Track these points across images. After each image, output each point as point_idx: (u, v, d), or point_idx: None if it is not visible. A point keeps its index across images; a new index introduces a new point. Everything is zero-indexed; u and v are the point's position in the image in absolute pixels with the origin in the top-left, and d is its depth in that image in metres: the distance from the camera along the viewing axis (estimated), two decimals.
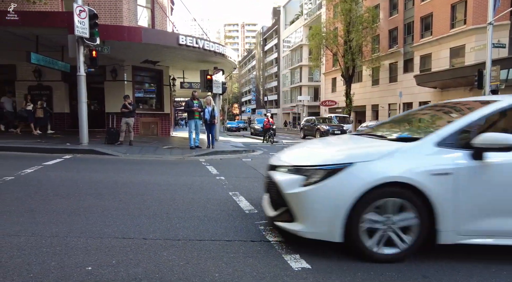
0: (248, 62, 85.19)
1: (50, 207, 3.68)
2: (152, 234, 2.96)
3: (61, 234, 2.87)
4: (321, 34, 28.08)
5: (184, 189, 4.88)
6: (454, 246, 2.57)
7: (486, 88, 13.81)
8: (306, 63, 45.52)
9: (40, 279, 2.10)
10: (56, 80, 14.02)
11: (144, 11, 14.77)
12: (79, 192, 4.40)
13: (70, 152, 8.27)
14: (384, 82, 28.51)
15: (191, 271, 2.29)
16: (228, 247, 2.73)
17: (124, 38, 11.10)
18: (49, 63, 11.12)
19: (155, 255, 2.53)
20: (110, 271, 2.23)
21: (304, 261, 2.51)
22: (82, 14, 8.76)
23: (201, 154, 9.26)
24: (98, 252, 2.54)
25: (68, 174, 5.82)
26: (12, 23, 9.95)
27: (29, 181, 5.00)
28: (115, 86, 13.99)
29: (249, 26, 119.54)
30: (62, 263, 2.32)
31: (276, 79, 61.06)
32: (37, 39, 10.98)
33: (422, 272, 2.41)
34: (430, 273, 2.39)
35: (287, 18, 56.69)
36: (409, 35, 25.79)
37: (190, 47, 12.13)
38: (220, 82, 13.92)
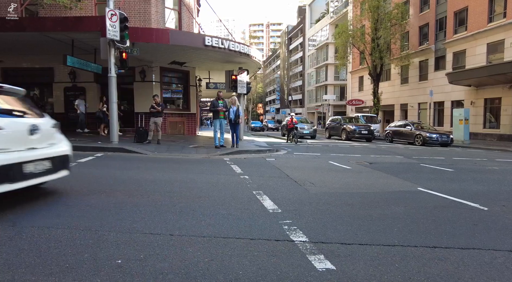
0: (272, 62, 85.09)
1: (84, 202, 3.87)
2: (178, 231, 3.03)
3: (93, 228, 3.02)
4: (347, 32, 27.50)
5: (209, 187, 4.96)
6: None
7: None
8: (332, 61, 44.78)
9: (75, 269, 2.22)
10: (89, 81, 14.71)
11: (171, 13, 15.15)
12: (110, 189, 4.60)
13: (101, 150, 8.65)
14: (414, 80, 27.47)
15: (215, 267, 2.33)
16: (251, 246, 2.75)
17: (153, 40, 11.45)
18: (83, 65, 11.69)
19: (181, 251, 2.59)
20: (138, 265, 2.31)
21: (329, 262, 2.48)
22: (113, 17, 9.13)
23: (225, 153, 9.38)
24: (127, 246, 2.64)
25: (100, 171, 6.09)
26: (42, 28, 10.56)
27: (64, 177, 5.27)
28: (144, 86, 14.47)
29: (274, 26, 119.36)
30: (95, 256, 2.44)
31: (301, 78, 60.54)
32: (73, 43, 11.58)
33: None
34: None
35: (312, 17, 56.03)
36: (441, 31, 24.67)
37: (216, 48, 12.31)
38: (244, 82, 14.02)
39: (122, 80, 13.27)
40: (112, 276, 2.15)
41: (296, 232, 3.08)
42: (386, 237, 3.06)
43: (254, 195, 4.53)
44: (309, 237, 2.96)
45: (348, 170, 7.34)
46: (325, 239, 2.95)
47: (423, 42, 26.51)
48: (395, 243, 2.92)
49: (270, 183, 5.45)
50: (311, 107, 53.90)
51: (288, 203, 4.14)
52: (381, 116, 29.00)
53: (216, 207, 3.87)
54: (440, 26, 24.89)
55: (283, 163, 8.05)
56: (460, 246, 2.87)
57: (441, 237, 3.10)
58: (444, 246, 2.88)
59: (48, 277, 2.11)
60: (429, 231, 3.27)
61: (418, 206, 4.28)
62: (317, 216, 3.65)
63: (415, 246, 2.86)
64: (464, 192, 5.23)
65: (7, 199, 3.79)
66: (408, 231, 3.23)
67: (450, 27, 23.34)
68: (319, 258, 2.54)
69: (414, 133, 17.55)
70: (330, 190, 5.06)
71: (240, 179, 5.66)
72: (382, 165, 8.25)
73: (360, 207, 4.10)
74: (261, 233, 3.05)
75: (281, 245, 2.79)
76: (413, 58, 26.56)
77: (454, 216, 3.85)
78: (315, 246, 2.78)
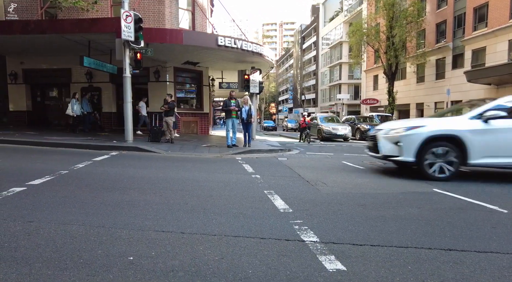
0: (285, 61, 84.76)
1: (98, 199, 3.96)
2: (189, 229, 3.06)
3: (107, 225, 3.08)
4: (362, 30, 27.10)
5: (220, 186, 4.99)
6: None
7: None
8: (346, 60, 44.24)
9: (88, 265, 2.27)
10: (105, 81, 15.03)
11: (185, 13, 15.30)
12: (123, 187, 4.68)
13: (116, 149, 8.83)
14: (430, 79, 26.83)
15: (225, 266, 2.34)
16: (262, 245, 2.74)
17: (166, 40, 11.60)
18: (99, 66, 11.95)
19: (192, 249, 2.62)
20: (150, 262, 2.35)
21: (339, 262, 2.45)
22: (128, 19, 9.29)
23: (237, 153, 9.40)
24: (139, 243, 2.68)
25: (114, 169, 6.22)
26: (60, 30, 10.84)
27: (80, 175, 5.42)
28: (158, 86, 14.67)
29: (287, 25, 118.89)
30: (108, 252, 2.49)
31: (314, 77, 60.07)
32: (89, 44, 11.85)
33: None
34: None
35: (326, 15, 55.51)
36: (460, 28, 24.00)
37: (229, 47, 12.36)
38: (257, 81, 14.02)
39: (137, 80, 13.49)
40: (124, 272, 2.19)
41: (307, 232, 3.06)
42: (399, 238, 3.01)
43: (265, 194, 4.52)
44: (320, 238, 2.94)
45: (362, 170, 7.24)
46: (336, 240, 2.92)
47: (440, 40, 25.85)
48: (408, 245, 2.86)
49: (281, 182, 5.44)
50: (325, 106, 53.42)
51: (299, 203, 4.12)
52: (396, 116, 28.44)
53: (227, 206, 3.89)
54: (458, 23, 24.21)
55: (295, 163, 8.01)
56: (477, 250, 2.79)
57: (456, 240, 3.01)
58: (460, 249, 2.80)
59: (63, 271, 2.16)
60: (444, 233, 3.19)
61: (432, 208, 4.17)
62: (328, 217, 3.61)
63: (429, 248, 2.79)
64: (482, 193, 5.07)
65: (28, 197, 3.91)
66: (422, 233, 3.16)
67: (469, 23, 22.67)
68: (330, 258, 2.52)
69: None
70: (342, 191, 5.00)
71: (252, 178, 5.67)
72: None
73: (372, 208, 4.03)
74: (272, 232, 3.05)
75: (292, 245, 2.78)
76: (430, 56, 25.94)
77: (471, 218, 3.74)
78: (326, 246, 2.75)
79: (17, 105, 15.83)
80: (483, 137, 5.70)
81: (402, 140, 6.04)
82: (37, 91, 16.42)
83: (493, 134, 5.71)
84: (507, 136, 5.71)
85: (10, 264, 2.23)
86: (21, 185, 4.38)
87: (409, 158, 5.98)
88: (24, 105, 15.82)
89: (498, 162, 5.82)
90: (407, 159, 6.01)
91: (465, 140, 5.70)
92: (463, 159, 5.80)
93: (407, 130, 6.07)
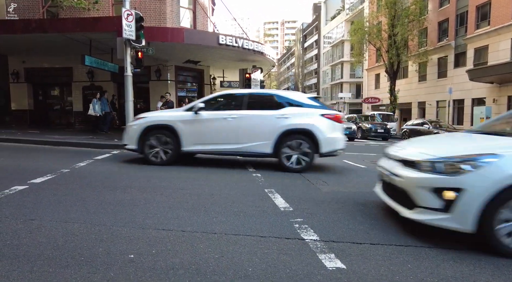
0: (287, 60, 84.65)
1: (99, 198, 3.97)
2: (190, 227, 3.07)
3: (108, 223, 3.10)
4: (363, 29, 27.01)
5: (221, 184, 5.00)
6: None
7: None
8: (347, 59, 44.13)
9: (89, 262, 2.29)
10: (106, 80, 15.05)
11: (186, 12, 15.30)
12: (124, 185, 4.70)
13: (117, 147, 8.84)
14: (432, 78, 26.73)
15: (225, 264, 2.35)
16: (262, 243, 2.75)
17: (168, 39, 11.60)
18: (100, 65, 11.97)
19: (192, 247, 2.63)
20: (150, 260, 2.36)
21: (339, 261, 2.46)
22: (129, 17, 9.29)
23: None
24: (140, 241, 2.70)
25: (115, 168, 6.24)
26: (62, 29, 10.86)
27: (81, 173, 5.44)
28: (159, 85, 14.68)
29: (288, 23, 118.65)
30: (108, 250, 2.50)
31: (316, 76, 59.97)
32: (90, 43, 11.87)
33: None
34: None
35: (328, 14, 55.36)
36: (462, 27, 23.88)
37: (230, 46, 12.36)
38: (258, 80, 14.03)
39: (138, 79, 13.49)
40: (124, 270, 2.20)
41: (307, 231, 3.07)
42: (399, 237, 3.01)
43: (265, 193, 4.53)
44: (320, 236, 2.94)
45: (363, 169, 7.24)
46: (336, 238, 2.92)
47: (442, 38, 25.74)
48: (408, 243, 2.86)
49: (282, 181, 5.44)
50: (326, 105, 53.32)
51: (300, 202, 4.12)
52: (398, 115, 28.38)
53: (227, 204, 3.90)
54: (460, 21, 24.09)
55: None
56: (477, 249, 2.79)
57: (457, 239, 3.01)
58: (460, 247, 2.80)
59: (65, 269, 2.18)
60: (445, 232, 3.18)
61: None
62: (329, 215, 3.62)
63: (429, 247, 2.79)
64: None
65: (30, 196, 3.94)
66: (422, 232, 3.16)
67: (471, 22, 22.56)
68: (330, 256, 2.53)
69: (432, 131, 17.11)
70: (343, 189, 5.00)
71: (252, 177, 5.67)
72: None
73: (373, 207, 4.03)
74: (272, 231, 3.05)
75: (292, 243, 2.79)
76: (432, 55, 25.84)
77: None
78: (326, 244, 2.76)
79: (19, 104, 15.88)
80: (192, 127, 6.34)
81: (129, 130, 6.68)
82: (39, 90, 16.47)
83: (201, 124, 6.35)
84: (211, 126, 6.34)
85: (12, 262, 2.25)
86: (23, 183, 4.40)
87: (133, 146, 6.50)
88: (26, 104, 15.87)
89: (205, 148, 6.50)
90: (131, 147, 6.52)
91: (177, 129, 6.28)
92: (178, 146, 6.34)
93: (134, 121, 6.78)
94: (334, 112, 6.54)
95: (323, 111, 6.40)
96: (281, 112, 6.30)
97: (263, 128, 6.26)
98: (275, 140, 6.17)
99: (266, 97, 6.91)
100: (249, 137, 6.28)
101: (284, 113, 6.28)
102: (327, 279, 2.18)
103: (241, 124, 6.30)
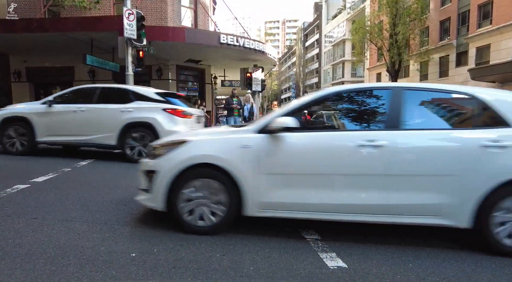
0: (288, 59, 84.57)
1: (100, 196, 3.98)
2: None
3: (110, 222, 3.10)
4: (365, 28, 26.94)
5: None
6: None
7: None
8: (348, 58, 44.08)
9: (91, 261, 2.29)
10: (107, 79, 15.02)
11: (187, 11, 15.29)
12: (125, 184, 4.71)
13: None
14: (434, 77, 26.67)
15: (227, 263, 2.35)
16: (263, 243, 2.76)
17: (169, 38, 11.60)
18: (101, 64, 11.97)
19: (193, 246, 2.63)
20: (152, 259, 2.37)
21: (341, 260, 2.46)
22: (130, 17, 9.30)
23: None
24: (141, 240, 2.70)
25: (116, 167, 6.25)
26: (60, 28, 10.88)
27: (83, 172, 5.45)
28: (160, 84, 14.64)
29: (290, 23, 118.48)
30: (110, 249, 2.51)
31: (317, 75, 59.90)
32: (92, 42, 11.88)
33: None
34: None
35: (329, 13, 55.26)
36: (464, 26, 23.81)
37: (231, 45, 12.35)
38: (259, 79, 14.01)
39: (140, 78, 13.49)
40: (126, 268, 2.21)
41: (308, 230, 3.07)
42: (400, 237, 3.01)
43: None
44: (322, 236, 2.94)
45: None
46: (337, 238, 2.92)
47: (444, 37, 25.68)
48: (409, 243, 2.86)
49: None
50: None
51: None
52: None
53: None
54: (462, 20, 24.02)
55: None
56: (479, 249, 2.79)
57: (460, 238, 3.01)
58: (460, 248, 2.80)
59: (67, 267, 2.19)
60: (448, 231, 3.18)
61: None
62: None
63: (430, 247, 2.79)
64: None
65: (32, 195, 3.95)
66: (423, 232, 3.15)
67: (473, 21, 22.49)
68: (331, 256, 2.53)
69: None
70: None
71: None
72: None
73: None
74: (273, 230, 3.05)
75: (293, 242, 2.79)
76: (433, 54, 25.77)
77: None
78: (327, 244, 2.76)
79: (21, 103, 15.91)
80: (46, 119, 6.59)
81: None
82: (40, 89, 16.48)
83: (53, 116, 6.60)
84: (62, 118, 6.59)
85: (15, 260, 2.26)
86: (25, 182, 4.41)
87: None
88: None
89: (58, 140, 6.69)
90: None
91: (32, 121, 6.57)
92: (33, 137, 6.61)
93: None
94: (175, 107, 6.70)
95: (165, 105, 6.57)
96: (127, 106, 6.52)
97: (108, 121, 6.49)
98: (119, 132, 6.42)
99: (116, 91, 7.09)
100: (96, 129, 6.51)
101: (130, 107, 6.50)
102: (329, 278, 2.19)
103: (88, 117, 6.54)
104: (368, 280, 2.18)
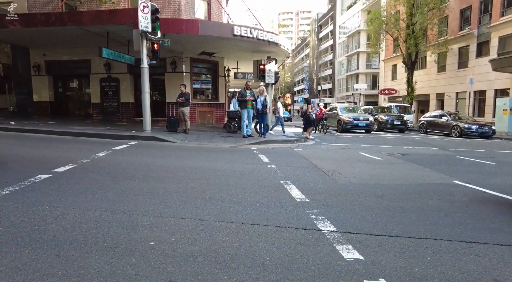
0: (301, 51, 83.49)
1: (119, 187, 4.08)
2: (207, 216, 3.12)
3: (128, 211, 3.18)
4: (380, 18, 26.25)
5: (237, 175, 5.04)
6: None
7: None
8: (363, 49, 43.15)
9: (112, 249, 2.36)
10: (123, 72, 15.25)
11: (201, 3, 15.24)
12: (143, 175, 4.80)
13: (135, 138, 9.02)
14: (452, 68, 25.85)
15: (243, 252, 2.38)
16: (279, 233, 2.77)
17: (183, 31, 11.61)
18: (117, 57, 12.12)
19: (210, 235, 2.67)
20: (170, 248, 2.42)
21: (357, 252, 2.45)
22: (145, 9, 9.35)
23: (253, 143, 9.43)
24: (160, 229, 2.76)
25: (134, 158, 6.37)
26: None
27: (101, 163, 5.59)
28: (174, 77, 14.78)
29: (303, 14, 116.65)
30: (129, 237, 2.58)
31: (331, 67, 59.00)
32: (107, 35, 12.02)
33: None
34: None
35: (343, 3, 54.05)
36: (486, 14, 22.88)
37: (245, 37, 12.26)
38: (272, 71, 13.90)
39: (154, 71, 13.63)
40: (145, 257, 2.27)
41: (323, 222, 3.07)
42: (418, 229, 2.97)
43: (281, 184, 4.54)
44: (337, 227, 2.94)
45: (379, 161, 7.14)
46: (354, 230, 2.91)
47: (464, 27, 24.76)
48: (427, 236, 2.82)
49: (297, 172, 5.43)
50: (341, 96, 52.51)
51: (315, 193, 4.12)
52: (415, 106, 27.69)
53: (244, 194, 3.93)
54: (484, 9, 23.07)
55: (311, 153, 7.97)
56: (500, 242, 2.73)
57: (478, 232, 2.95)
58: (482, 241, 2.75)
59: (89, 254, 2.26)
60: (465, 225, 3.13)
61: (453, 200, 4.09)
62: (345, 207, 3.60)
63: (449, 240, 2.75)
64: (507, 186, 4.91)
65: (54, 184, 4.08)
66: (442, 225, 3.11)
67: (496, 9, 21.58)
68: (347, 248, 2.52)
69: (450, 124, 16.63)
70: (359, 181, 4.95)
71: (268, 168, 5.69)
72: (415, 157, 7.93)
73: (390, 199, 3.99)
74: (289, 221, 3.07)
75: (309, 233, 2.80)
76: (452, 45, 24.93)
77: (494, 211, 3.64)
78: (343, 236, 2.76)
79: (40, 96, 16.33)
80: None
81: None
82: (58, 82, 16.88)
83: None
84: None
85: (41, 246, 2.35)
86: (47, 172, 4.56)
87: None
88: (47, 96, 16.30)
89: None
90: None
91: None
92: None
93: None
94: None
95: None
96: None
97: None
98: None
99: None
100: None
101: None
102: (345, 270, 2.19)
103: None
104: (385, 273, 2.17)
